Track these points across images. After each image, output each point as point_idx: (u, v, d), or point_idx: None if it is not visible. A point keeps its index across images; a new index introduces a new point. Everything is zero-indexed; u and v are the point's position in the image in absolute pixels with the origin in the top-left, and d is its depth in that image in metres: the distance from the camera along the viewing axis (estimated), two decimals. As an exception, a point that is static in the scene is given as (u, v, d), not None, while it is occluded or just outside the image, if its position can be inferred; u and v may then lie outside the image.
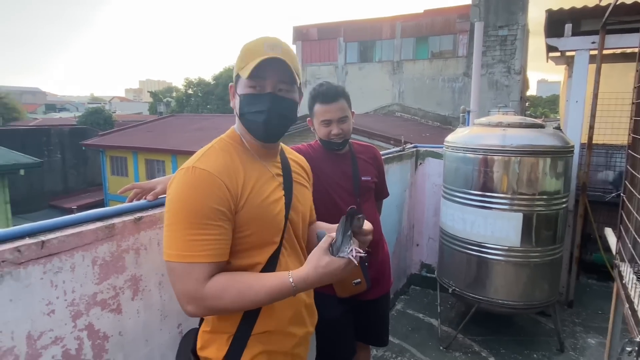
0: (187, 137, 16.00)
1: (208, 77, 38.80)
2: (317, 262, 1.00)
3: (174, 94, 43.08)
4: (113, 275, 1.18)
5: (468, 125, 4.70)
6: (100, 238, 1.13)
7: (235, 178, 1.07)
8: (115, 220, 1.18)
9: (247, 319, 1.11)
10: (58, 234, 1.05)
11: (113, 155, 17.28)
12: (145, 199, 1.35)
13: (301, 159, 1.39)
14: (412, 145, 3.88)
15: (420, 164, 3.86)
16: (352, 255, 1.00)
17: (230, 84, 1.18)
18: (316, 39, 19.55)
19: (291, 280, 1.01)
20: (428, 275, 3.99)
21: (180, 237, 0.99)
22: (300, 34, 19.94)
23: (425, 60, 16.91)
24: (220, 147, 1.13)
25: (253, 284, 1.03)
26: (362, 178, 1.91)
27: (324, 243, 1.02)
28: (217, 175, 1.03)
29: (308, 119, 1.87)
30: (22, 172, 10.21)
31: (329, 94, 1.75)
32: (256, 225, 1.09)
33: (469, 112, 4.66)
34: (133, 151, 16.57)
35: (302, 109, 1.50)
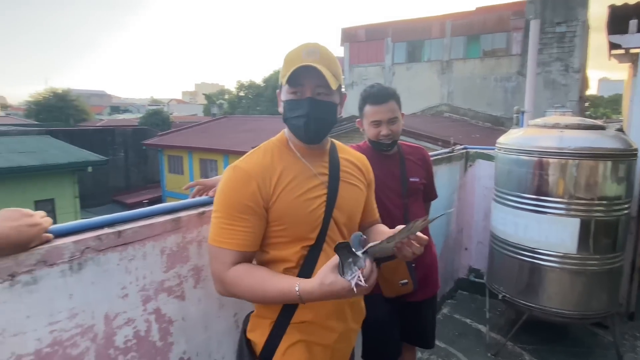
0: (238, 138, 16.53)
1: (258, 80, 39.85)
2: (323, 279, 1.03)
3: (227, 96, 44.56)
4: (178, 264, 1.29)
5: (522, 126, 4.53)
6: (169, 230, 1.25)
7: (270, 176, 1.16)
8: (182, 214, 1.29)
9: (287, 308, 1.19)
10: (132, 225, 1.16)
11: (170, 155, 18.23)
12: (207, 195, 1.46)
13: (359, 159, 1.41)
14: (462, 146, 3.82)
15: (470, 165, 3.78)
16: (354, 282, 0.99)
17: (277, 90, 1.26)
18: (364, 40, 19.52)
19: (297, 290, 1.05)
20: (476, 280, 3.90)
21: (217, 225, 1.14)
22: (348, 35, 19.98)
23: (476, 59, 16.40)
24: (264, 148, 1.23)
25: (265, 282, 1.10)
26: (410, 179, 1.91)
27: (333, 260, 1.03)
28: (252, 174, 1.14)
29: (357, 119, 1.89)
30: (89, 169, 11.13)
31: (380, 95, 1.78)
32: (289, 221, 1.17)
33: (523, 112, 4.49)
34: (189, 151, 17.39)
35: (348, 110, 1.54)
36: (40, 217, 0.96)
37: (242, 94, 39.57)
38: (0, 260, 0.90)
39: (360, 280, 1.00)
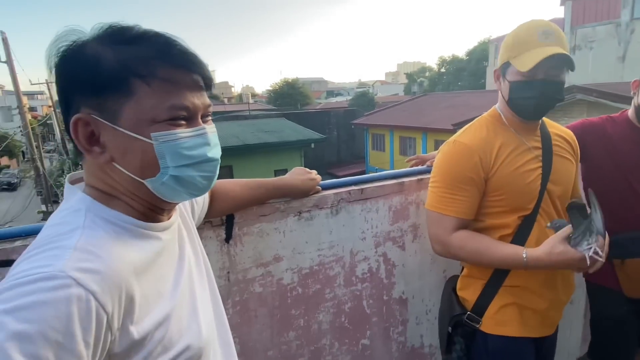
0: (437, 115, 16.38)
1: (461, 54, 37.93)
2: (551, 249, 1.12)
3: (427, 74, 44.07)
4: (401, 220, 1.59)
5: None
6: (395, 191, 1.55)
7: (490, 150, 1.26)
8: (405, 180, 1.58)
9: (499, 271, 1.31)
10: (370, 185, 1.51)
11: (374, 133, 19.51)
12: (426, 165, 1.71)
13: (567, 133, 1.43)
14: None
15: None
16: (589, 254, 1.01)
17: (494, 69, 1.33)
18: (594, -6, 16.34)
19: (524, 256, 1.17)
20: None
21: (437, 193, 1.31)
22: (573, -9, 17.04)
23: None
24: (479, 124, 1.35)
25: (491, 247, 1.24)
26: None
27: (563, 232, 1.11)
28: (473, 148, 1.26)
29: (634, 80, 1.57)
30: (312, 145, 14.09)
31: None
32: (507, 191, 1.27)
33: None
34: (390, 129, 18.23)
35: (569, 80, 1.50)
36: (315, 174, 1.38)
37: (443, 70, 38.45)
38: (293, 202, 1.36)
39: (597, 253, 1.04)
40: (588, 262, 1.06)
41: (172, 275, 0.72)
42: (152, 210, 0.71)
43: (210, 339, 0.76)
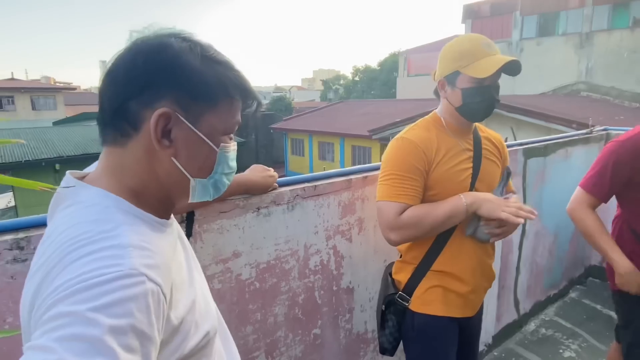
0: (354, 122, 17.06)
1: (374, 64, 39.95)
2: (483, 194, 1.41)
3: (342, 82, 45.60)
4: (349, 214, 1.70)
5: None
6: (344, 187, 1.66)
7: (431, 148, 1.42)
8: (352, 177, 1.70)
9: (427, 257, 1.48)
10: (322, 182, 1.60)
11: (293, 138, 19.67)
12: None
13: (495, 137, 1.63)
14: (602, 127, 3.66)
15: (609, 148, 3.62)
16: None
17: (439, 80, 1.47)
18: (488, 15, 18.37)
19: (463, 198, 1.38)
20: (611, 267, 3.75)
21: (388, 184, 1.41)
22: (471, 12, 18.99)
23: (625, 30, 14.33)
24: (422, 125, 1.50)
25: (434, 207, 1.39)
26: None
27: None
28: (418, 143, 1.41)
29: None
30: None
31: None
32: (442, 187, 1.43)
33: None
34: (309, 134, 18.54)
35: None
36: (273, 172, 1.43)
37: (357, 78, 40.14)
38: (252, 198, 1.40)
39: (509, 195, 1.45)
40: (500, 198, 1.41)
41: (185, 264, 0.77)
42: (167, 208, 0.75)
43: (218, 322, 0.81)
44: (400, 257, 1.60)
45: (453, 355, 1.52)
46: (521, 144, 2.68)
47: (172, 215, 0.78)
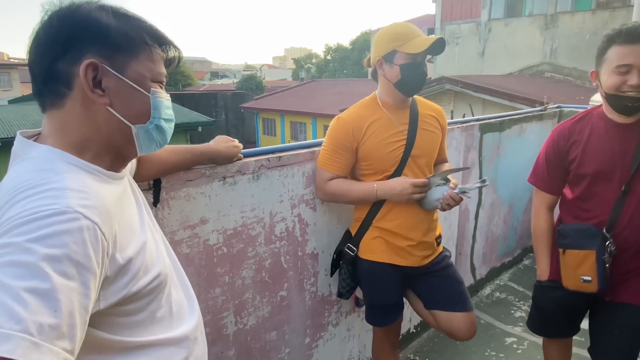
0: (326, 101, 17.06)
1: (346, 43, 39.71)
2: (393, 181, 1.64)
3: (314, 60, 45.15)
4: (312, 184, 1.80)
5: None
6: (308, 159, 1.75)
7: (361, 125, 1.63)
8: (315, 149, 1.78)
9: (369, 215, 1.72)
10: (287, 153, 1.69)
11: (265, 117, 19.50)
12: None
13: (435, 110, 1.78)
14: (556, 105, 3.87)
15: (563, 124, 3.83)
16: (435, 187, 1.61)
17: (377, 59, 1.61)
18: (459, -6, 18.50)
19: (375, 186, 1.63)
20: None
21: (324, 154, 1.68)
22: (441, -9, 19.05)
23: (587, 12, 14.76)
24: (359, 104, 1.72)
25: (352, 185, 1.67)
26: None
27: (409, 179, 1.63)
28: (349, 122, 1.64)
29: (592, 71, 1.53)
30: (199, 129, 12.81)
31: (637, 33, 1.37)
32: (373, 158, 1.64)
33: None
34: (281, 114, 18.44)
35: (438, 71, 1.86)
36: (238, 142, 1.50)
37: (329, 57, 39.86)
38: (218, 168, 1.47)
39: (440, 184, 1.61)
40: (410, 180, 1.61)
41: (136, 215, 0.85)
42: (115, 161, 0.82)
43: (170, 272, 0.89)
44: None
45: (396, 291, 1.79)
46: (478, 120, 2.83)
47: (124, 170, 0.86)
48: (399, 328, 1.92)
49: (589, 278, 1.51)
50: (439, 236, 1.82)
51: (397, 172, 1.66)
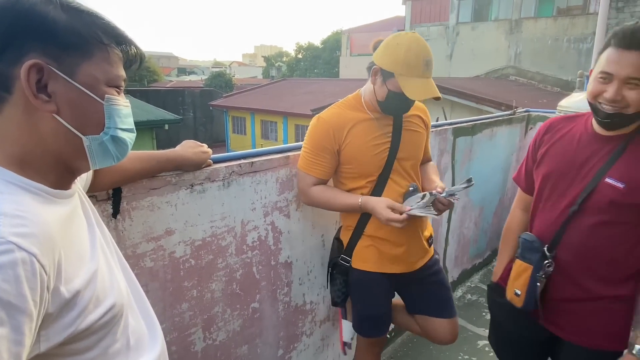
0: (297, 100, 16.96)
1: (317, 42, 39.69)
2: (377, 200, 1.56)
3: (285, 59, 44.91)
4: (286, 190, 1.72)
5: (585, 90, 4.48)
6: (282, 164, 1.67)
7: (343, 126, 1.56)
8: (290, 154, 1.71)
9: (359, 224, 1.66)
10: (260, 158, 1.60)
11: (234, 115, 19.16)
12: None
13: (420, 108, 1.72)
14: (524, 109, 3.94)
15: (531, 128, 3.91)
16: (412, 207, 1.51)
17: (374, 67, 1.51)
18: (427, -3, 18.81)
19: (359, 200, 1.56)
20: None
21: (304, 157, 1.60)
22: (412, -7, 19.32)
23: (549, 18, 15.30)
24: (341, 104, 1.64)
25: (337, 196, 1.61)
26: (606, 180, 1.25)
27: (388, 200, 1.56)
28: (330, 123, 1.56)
29: (591, 69, 1.33)
30: (166, 126, 12.30)
31: (633, 37, 1.15)
32: (357, 162, 1.58)
33: (588, 77, 4.42)
34: (251, 112, 18.18)
35: None
36: (207, 147, 1.41)
37: (300, 56, 39.73)
38: (185, 175, 1.37)
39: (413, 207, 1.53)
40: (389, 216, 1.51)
41: (87, 239, 0.74)
42: (63, 177, 0.71)
43: (128, 300, 0.79)
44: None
45: (387, 301, 1.76)
46: (451, 124, 2.82)
47: (74, 186, 0.75)
48: (384, 340, 1.87)
49: (519, 292, 1.42)
50: (430, 237, 1.80)
51: (383, 177, 1.61)
